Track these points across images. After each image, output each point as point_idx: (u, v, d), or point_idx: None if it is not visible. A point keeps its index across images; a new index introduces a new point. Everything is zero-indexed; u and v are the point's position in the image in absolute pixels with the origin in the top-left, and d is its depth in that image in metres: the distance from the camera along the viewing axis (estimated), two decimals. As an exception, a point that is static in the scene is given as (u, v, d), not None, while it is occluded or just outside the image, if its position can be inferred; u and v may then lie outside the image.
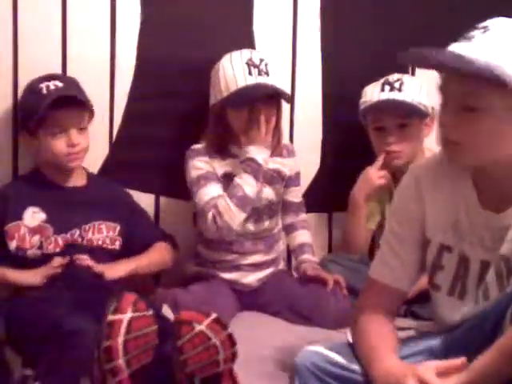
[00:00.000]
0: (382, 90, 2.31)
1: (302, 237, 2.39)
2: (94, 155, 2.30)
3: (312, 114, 2.52)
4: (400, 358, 1.45)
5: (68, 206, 2.10)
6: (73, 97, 2.07)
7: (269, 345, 1.93)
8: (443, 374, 1.32)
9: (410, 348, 1.50)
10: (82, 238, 2.08)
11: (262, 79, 2.18)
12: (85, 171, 2.22)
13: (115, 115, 2.32)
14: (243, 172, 2.16)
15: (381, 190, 2.39)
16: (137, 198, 2.37)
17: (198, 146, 2.26)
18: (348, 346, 1.54)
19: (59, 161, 2.10)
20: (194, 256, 2.35)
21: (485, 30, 1.38)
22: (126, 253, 2.15)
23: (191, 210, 2.37)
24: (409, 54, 1.46)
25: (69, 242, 2.06)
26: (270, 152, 2.27)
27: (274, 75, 2.21)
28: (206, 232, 2.20)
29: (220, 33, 2.37)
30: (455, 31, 1.46)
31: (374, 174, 2.35)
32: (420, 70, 2.50)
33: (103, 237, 2.12)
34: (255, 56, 2.22)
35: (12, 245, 2.04)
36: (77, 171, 2.17)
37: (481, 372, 1.28)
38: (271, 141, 2.26)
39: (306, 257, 2.35)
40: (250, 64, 2.19)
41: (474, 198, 1.47)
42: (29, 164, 2.24)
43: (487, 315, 1.37)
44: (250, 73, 2.17)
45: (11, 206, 2.07)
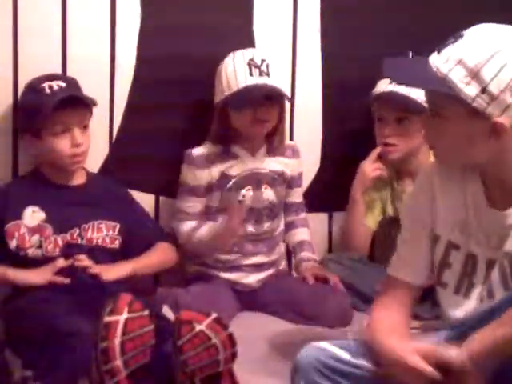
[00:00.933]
0: (391, 81, 2.29)
1: (301, 234, 2.40)
2: (94, 155, 2.30)
3: (312, 113, 2.52)
4: None
5: (68, 206, 2.10)
6: (78, 97, 2.07)
7: (269, 344, 1.93)
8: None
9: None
10: (82, 237, 2.07)
11: (262, 80, 2.19)
12: (84, 170, 2.21)
13: (115, 115, 2.32)
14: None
15: (379, 186, 2.39)
16: (137, 198, 2.37)
17: (196, 151, 2.27)
18: (352, 343, 1.55)
19: (63, 161, 2.09)
20: (194, 256, 2.34)
21: (455, 40, 1.41)
22: (127, 252, 2.14)
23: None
24: (387, 64, 1.53)
25: (68, 242, 2.06)
26: (272, 152, 2.29)
27: (275, 76, 2.22)
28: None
29: (220, 33, 2.38)
30: (455, 31, 1.47)
31: (367, 167, 2.37)
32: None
33: (103, 236, 2.11)
34: (257, 56, 2.22)
35: (12, 244, 2.04)
36: (77, 170, 2.17)
37: (491, 340, 1.29)
38: (273, 141, 2.27)
39: (305, 254, 2.35)
40: (251, 64, 2.20)
41: (482, 196, 1.49)
42: (29, 164, 2.24)
43: (494, 311, 1.38)
44: (250, 73, 2.18)
45: (11, 205, 2.07)
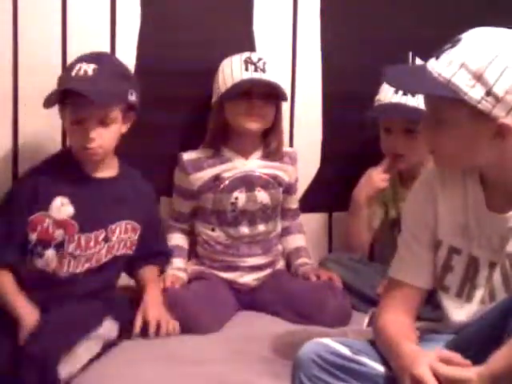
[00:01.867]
0: (396, 91, 2.26)
1: (298, 240, 2.42)
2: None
3: (312, 114, 2.52)
4: None
5: (96, 201, 1.97)
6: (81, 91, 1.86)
7: (268, 344, 1.93)
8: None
9: None
10: (106, 239, 1.97)
11: (257, 75, 2.21)
12: (117, 160, 2.07)
13: (115, 115, 2.32)
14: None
15: (384, 192, 2.39)
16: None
17: (187, 156, 2.29)
18: (354, 340, 1.55)
19: (77, 152, 1.98)
20: (194, 256, 2.36)
21: (454, 44, 1.42)
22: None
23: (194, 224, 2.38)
24: (387, 73, 1.53)
25: (89, 246, 1.94)
26: (268, 157, 2.30)
27: (272, 73, 2.23)
28: None
29: (220, 33, 2.38)
30: (455, 33, 1.47)
31: (377, 177, 2.34)
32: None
33: (126, 239, 2.01)
34: (254, 55, 2.25)
35: (32, 237, 1.91)
36: (107, 160, 2.01)
37: (503, 363, 1.27)
38: (269, 144, 2.30)
39: (302, 260, 2.37)
40: (247, 61, 2.22)
41: (482, 199, 1.49)
42: (29, 164, 2.24)
43: (490, 319, 1.38)
44: (246, 69, 2.21)
45: (40, 194, 1.92)
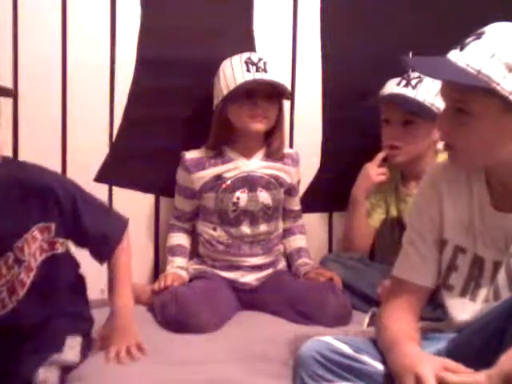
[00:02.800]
0: (398, 83, 2.28)
1: (299, 241, 2.43)
2: (93, 155, 2.31)
3: (312, 114, 2.52)
4: None
5: None
6: None
7: (268, 344, 1.93)
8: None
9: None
10: (18, 260, 1.69)
11: (259, 75, 2.20)
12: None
13: (115, 115, 2.32)
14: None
15: (384, 187, 2.39)
16: (137, 198, 2.38)
17: (189, 155, 2.29)
18: (355, 338, 1.55)
19: None
20: (195, 255, 2.36)
21: (478, 36, 1.40)
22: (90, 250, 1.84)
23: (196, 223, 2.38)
24: (410, 60, 1.49)
25: (2, 272, 1.67)
26: (270, 157, 2.31)
27: (274, 73, 2.23)
28: None
29: (220, 33, 2.38)
30: (455, 33, 1.47)
31: (372, 171, 2.35)
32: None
33: (39, 246, 1.72)
34: (254, 56, 2.25)
35: None
36: None
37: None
38: (271, 144, 2.30)
39: (303, 261, 2.38)
40: (248, 62, 2.22)
41: (487, 198, 1.49)
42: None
43: (492, 318, 1.37)
44: (248, 70, 2.20)
45: None
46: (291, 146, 2.49)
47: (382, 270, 2.22)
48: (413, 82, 2.27)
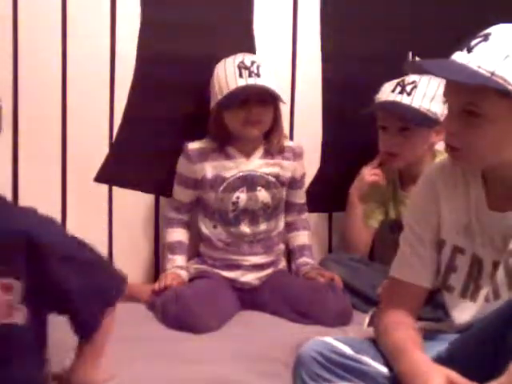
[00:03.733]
0: (393, 90, 2.28)
1: (302, 237, 2.42)
2: (93, 155, 2.31)
3: (312, 114, 2.52)
4: None
5: None
6: None
7: (268, 344, 1.93)
8: None
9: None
10: None
11: (252, 80, 2.20)
12: None
13: (115, 115, 2.32)
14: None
15: (381, 190, 2.39)
16: (137, 198, 2.38)
17: (192, 145, 2.29)
18: (355, 339, 1.55)
19: None
20: (196, 255, 2.37)
21: (486, 38, 1.39)
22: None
23: (193, 214, 2.38)
24: (414, 64, 1.47)
25: None
26: (270, 155, 2.31)
27: (267, 76, 2.22)
28: None
29: (220, 33, 2.38)
30: (455, 34, 1.47)
31: (366, 172, 2.37)
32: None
33: None
34: (247, 59, 2.24)
35: None
36: None
37: None
38: (271, 142, 2.30)
39: (304, 260, 2.38)
40: (241, 66, 2.22)
41: (483, 199, 1.48)
42: (29, 165, 2.24)
43: (489, 323, 1.37)
44: (240, 75, 2.20)
45: None
46: (291, 146, 2.50)
47: (382, 271, 2.21)
48: (407, 89, 2.26)
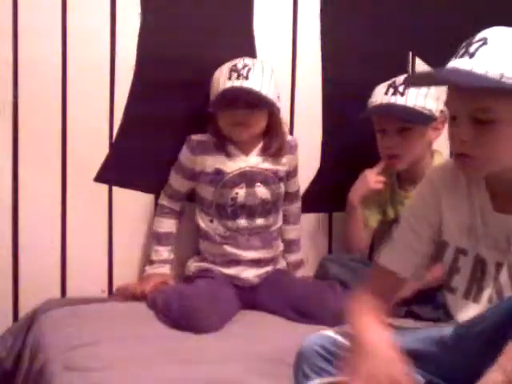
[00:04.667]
0: (386, 92, 2.28)
1: (292, 232, 2.46)
2: (93, 155, 2.31)
3: (312, 114, 2.52)
4: (410, 344, 1.45)
5: None
6: None
7: (268, 343, 1.93)
8: None
9: (418, 335, 1.51)
10: None
11: (238, 83, 2.20)
12: None
13: (115, 115, 2.32)
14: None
15: (380, 192, 2.39)
16: (137, 198, 2.38)
17: (195, 137, 2.32)
18: None
19: None
20: (196, 253, 2.38)
21: (484, 42, 1.37)
22: None
23: (191, 210, 2.38)
24: (417, 76, 1.46)
25: None
26: (268, 154, 2.32)
27: (256, 80, 2.21)
28: None
29: (220, 34, 2.38)
30: (455, 34, 1.47)
31: (371, 178, 2.36)
32: (421, 69, 2.52)
33: None
34: (241, 62, 2.25)
35: None
36: None
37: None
38: (268, 145, 2.31)
39: (292, 257, 2.45)
40: (232, 69, 2.23)
41: (487, 200, 1.47)
42: (29, 165, 2.24)
43: (492, 323, 1.37)
44: (229, 77, 2.21)
45: None
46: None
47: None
48: (400, 89, 2.26)
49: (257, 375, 1.76)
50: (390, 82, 2.29)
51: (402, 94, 2.25)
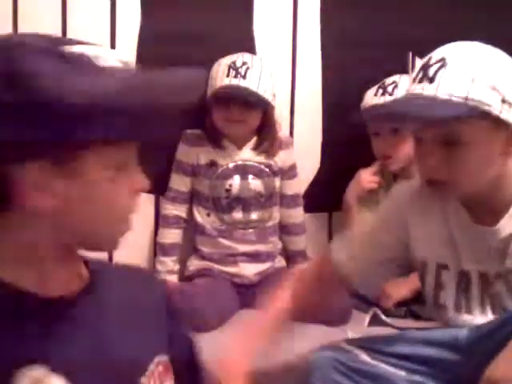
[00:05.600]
0: (376, 94, 2.29)
1: (297, 244, 2.46)
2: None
3: (312, 114, 2.53)
4: (419, 350, 1.46)
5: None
6: None
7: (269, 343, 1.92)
8: None
9: (429, 338, 1.49)
10: None
11: (235, 81, 2.21)
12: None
13: (115, 115, 2.32)
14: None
15: (376, 192, 2.39)
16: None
17: (191, 130, 2.33)
18: (368, 338, 1.56)
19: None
20: (195, 251, 2.38)
21: (443, 63, 1.34)
22: None
23: (191, 209, 2.39)
24: (381, 112, 1.47)
25: None
26: (260, 150, 2.33)
27: (254, 80, 2.22)
28: None
29: (220, 34, 2.38)
30: (456, 32, 1.47)
31: (365, 177, 2.37)
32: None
33: None
34: (240, 59, 2.25)
35: None
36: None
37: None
38: (261, 143, 2.33)
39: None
40: (231, 66, 2.23)
41: (465, 215, 1.46)
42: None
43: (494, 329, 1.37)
44: (227, 75, 2.22)
45: None
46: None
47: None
48: (389, 89, 2.28)
49: (259, 373, 1.75)
50: (379, 83, 2.31)
51: (391, 94, 2.26)
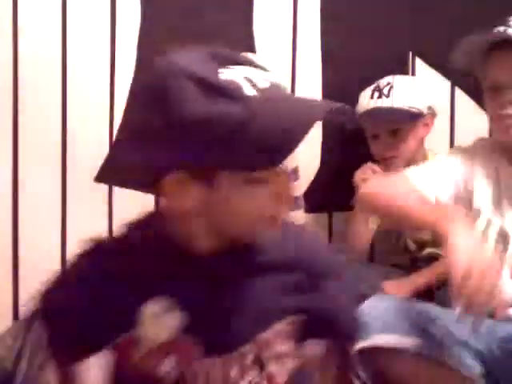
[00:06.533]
0: (372, 97, 2.28)
1: None
2: (93, 155, 2.31)
3: (312, 114, 2.52)
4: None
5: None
6: None
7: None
8: None
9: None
10: (260, 362, 1.06)
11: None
12: None
13: (115, 115, 2.33)
14: None
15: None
16: (137, 198, 2.37)
17: None
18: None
19: None
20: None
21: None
22: None
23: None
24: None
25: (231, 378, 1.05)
26: None
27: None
28: None
29: (220, 34, 2.38)
30: (456, 34, 1.47)
31: (358, 176, 2.33)
32: (421, 69, 2.52)
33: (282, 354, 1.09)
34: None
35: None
36: None
37: None
38: None
39: None
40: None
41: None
42: (29, 165, 2.25)
43: None
44: None
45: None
46: (291, 146, 2.50)
47: (382, 271, 2.22)
48: (385, 91, 2.27)
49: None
50: (373, 86, 2.30)
51: (388, 96, 2.26)
